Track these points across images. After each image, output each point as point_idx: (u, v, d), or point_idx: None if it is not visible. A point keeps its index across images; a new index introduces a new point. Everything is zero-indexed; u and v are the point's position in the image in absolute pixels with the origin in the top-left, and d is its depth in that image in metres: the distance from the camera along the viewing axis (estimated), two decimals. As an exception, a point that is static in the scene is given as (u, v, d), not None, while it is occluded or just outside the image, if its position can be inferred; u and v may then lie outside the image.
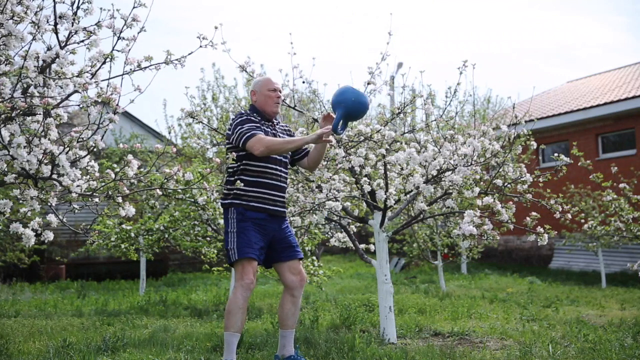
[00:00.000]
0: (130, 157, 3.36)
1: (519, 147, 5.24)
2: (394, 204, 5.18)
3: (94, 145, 3.21)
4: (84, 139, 3.19)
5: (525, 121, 5.25)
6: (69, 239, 12.77)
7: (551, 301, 8.05)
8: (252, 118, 4.01)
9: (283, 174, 4.09)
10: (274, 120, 4.15)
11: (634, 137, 13.64)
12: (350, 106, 3.95)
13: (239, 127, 3.91)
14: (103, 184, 3.35)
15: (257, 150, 3.80)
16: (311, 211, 5.00)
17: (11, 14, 3.08)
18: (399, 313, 6.65)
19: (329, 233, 5.99)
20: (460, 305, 7.33)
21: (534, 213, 4.46)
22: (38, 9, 3.28)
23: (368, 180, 5.07)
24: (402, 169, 5.09)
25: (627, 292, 9.70)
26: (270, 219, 3.98)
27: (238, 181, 3.79)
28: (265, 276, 9.82)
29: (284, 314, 4.04)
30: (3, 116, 3.05)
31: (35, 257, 11.56)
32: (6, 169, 3.17)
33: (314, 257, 7.56)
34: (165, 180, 3.54)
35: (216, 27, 3.85)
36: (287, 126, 4.29)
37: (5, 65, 3.08)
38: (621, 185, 6.74)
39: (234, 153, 3.83)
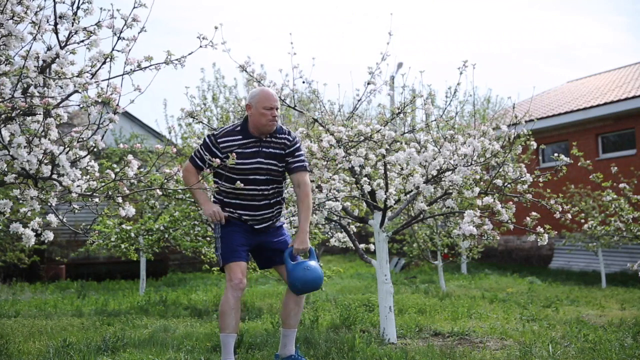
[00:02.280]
0: (130, 157, 3.36)
1: (519, 147, 5.25)
2: (394, 204, 5.18)
3: (94, 145, 3.21)
4: (84, 139, 3.20)
5: (525, 121, 5.25)
6: (69, 239, 12.77)
7: (551, 301, 8.05)
8: (208, 142, 3.90)
9: (263, 193, 3.92)
10: (267, 137, 3.93)
11: (634, 137, 13.64)
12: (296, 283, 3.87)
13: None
14: (103, 184, 3.35)
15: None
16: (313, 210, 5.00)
17: (11, 14, 3.08)
18: (399, 313, 6.65)
19: (329, 233, 5.99)
20: (460, 305, 7.33)
21: (534, 213, 4.46)
22: (38, 9, 3.29)
23: (368, 180, 5.08)
24: (402, 169, 5.09)
25: (627, 292, 9.70)
26: (256, 230, 4.00)
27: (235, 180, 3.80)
28: (265, 276, 9.81)
29: (287, 313, 4.04)
30: (3, 116, 3.05)
31: (35, 257, 11.55)
32: (6, 169, 3.17)
33: (314, 257, 7.55)
34: (165, 180, 3.54)
35: (216, 27, 3.85)
36: (287, 138, 3.97)
37: (5, 65, 3.08)
38: (621, 185, 6.74)
39: (234, 153, 3.79)
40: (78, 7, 3.26)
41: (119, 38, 3.25)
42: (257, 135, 3.92)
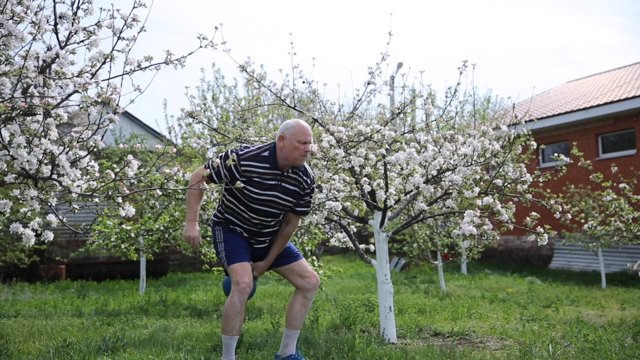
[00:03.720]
0: (130, 157, 3.35)
1: (519, 147, 5.25)
2: (394, 204, 5.18)
3: (94, 145, 3.21)
4: (84, 139, 3.19)
5: (525, 121, 5.25)
6: (69, 239, 12.77)
7: (551, 301, 8.05)
8: (231, 159, 3.69)
9: (268, 224, 3.93)
10: (289, 171, 3.86)
11: (634, 137, 13.63)
12: None
13: (223, 154, 3.86)
14: (103, 184, 3.35)
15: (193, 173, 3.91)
16: (311, 211, 5.01)
17: (11, 14, 3.08)
18: (399, 313, 6.65)
19: (329, 233, 5.99)
20: (460, 305, 7.33)
21: (534, 213, 4.46)
22: (38, 9, 3.29)
23: (368, 180, 5.08)
24: (402, 169, 5.09)
25: (627, 292, 9.70)
26: None
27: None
28: (265, 276, 9.83)
29: (293, 315, 4.03)
30: (3, 116, 3.05)
31: (35, 257, 11.55)
32: (6, 169, 3.17)
33: (314, 257, 7.57)
34: (165, 180, 3.53)
35: (216, 28, 3.86)
36: (306, 181, 3.91)
37: (5, 65, 3.08)
38: (621, 185, 6.73)
39: (216, 160, 3.73)
40: (78, 7, 3.27)
41: (119, 38, 3.25)
42: (281, 168, 3.85)
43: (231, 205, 3.91)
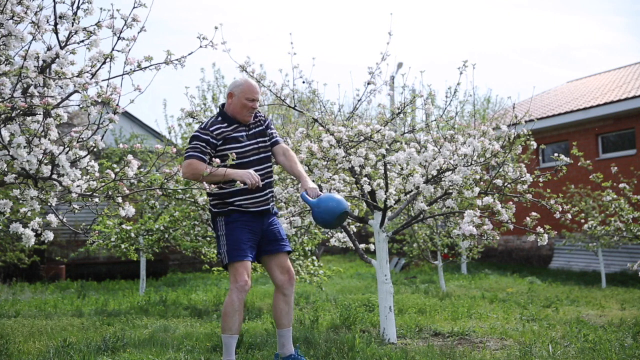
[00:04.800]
0: (130, 157, 3.35)
1: (519, 147, 5.25)
2: (394, 204, 5.18)
3: (94, 145, 3.21)
4: (84, 139, 3.19)
5: (525, 121, 5.25)
6: (69, 239, 12.77)
7: (551, 301, 8.05)
8: (202, 135, 3.88)
9: (260, 172, 3.96)
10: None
11: (634, 137, 13.63)
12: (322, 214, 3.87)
13: (188, 143, 3.94)
14: (103, 184, 3.35)
15: (182, 174, 3.74)
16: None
17: (11, 14, 3.08)
18: (399, 313, 6.65)
19: (329, 233, 5.99)
20: (460, 305, 7.33)
21: (534, 213, 4.46)
22: (38, 9, 3.29)
23: (368, 180, 5.08)
24: (402, 169, 5.09)
25: (627, 292, 9.70)
26: (257, 217, 3.97)
27: (238, 183, 3.74)
28: (265, 276, 9.82)
29: (279, 314, 4.04)
30: (3, 116, 3.05)
31: (35, 257, 11.55)
32: (6, 169, 3.17)
33: (314, 257, 7.56)
34: (165, 180, 3.53)
35: (216, 28, 3.86)
36: (260, 117, 4.10)
37: (5, 65, 3.08)
38: (621, 185, 6.74)
39: (216, 160, 3.66)
40: (78, 7, 3.26)
41: (119, 38, 3.25)
42: (238, 122, 4.02)
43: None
